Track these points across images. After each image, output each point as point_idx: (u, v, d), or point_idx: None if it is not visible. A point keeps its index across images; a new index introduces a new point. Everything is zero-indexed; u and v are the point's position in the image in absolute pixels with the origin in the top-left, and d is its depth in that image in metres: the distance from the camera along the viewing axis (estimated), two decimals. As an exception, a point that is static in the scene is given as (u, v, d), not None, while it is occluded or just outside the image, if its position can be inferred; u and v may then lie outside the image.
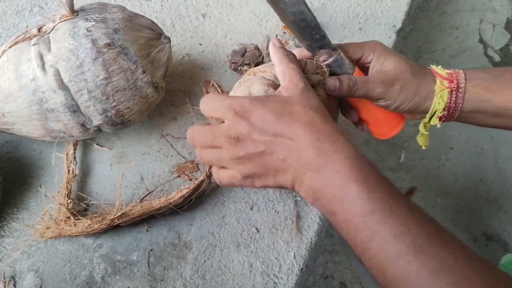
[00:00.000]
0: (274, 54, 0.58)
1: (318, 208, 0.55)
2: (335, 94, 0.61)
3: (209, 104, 0.56)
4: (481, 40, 1.68)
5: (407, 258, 0.42)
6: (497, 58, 1.64)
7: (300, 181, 0.51)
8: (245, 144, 0.51)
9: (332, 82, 0.60)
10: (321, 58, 0.62)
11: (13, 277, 0.67)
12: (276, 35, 0.89)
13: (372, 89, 0.60)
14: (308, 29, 0.59)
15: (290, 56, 0.58)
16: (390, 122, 0.69)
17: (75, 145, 0.74)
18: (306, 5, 0.57)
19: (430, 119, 0.65)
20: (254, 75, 0.63)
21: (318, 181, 0.49)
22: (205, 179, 0.70)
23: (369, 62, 0.63)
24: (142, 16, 0.70)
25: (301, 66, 0.59)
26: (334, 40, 0.91)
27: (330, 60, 0.62)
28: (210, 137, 0.55)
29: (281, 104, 0.51)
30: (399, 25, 0.95)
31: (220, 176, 0.59)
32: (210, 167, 0.71)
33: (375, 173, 0.48)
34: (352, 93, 0.60)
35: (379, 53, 0.62)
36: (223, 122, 0.54)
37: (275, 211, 0.73)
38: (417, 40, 1.64)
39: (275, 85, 0.59)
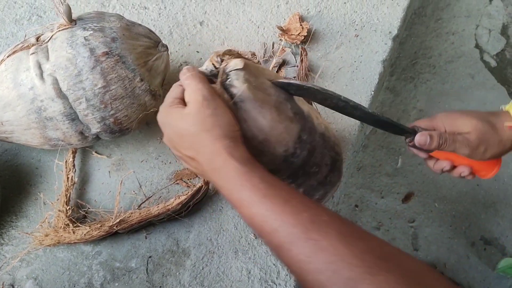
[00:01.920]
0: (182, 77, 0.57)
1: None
2: (424, 148, 0.64)
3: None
4: (477, 46, 1.69)
5: (287, 248, 0.45)
6: (493, 63, 1.65)
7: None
8: (170, 144, 0.55)
9: (424, 138, 0.63)
10: (420, 142, 0.64)
11: (12, 285, 0.67)
12: (273, 42, 0.90)
13: (458, 149, 0.63)
14: (387, 127, 0.63)
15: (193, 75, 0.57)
16: (487, 167, 0.70)
17: (74, 153, 0.74)
18: (379, 115, 0.62)
19: None
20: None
21: (219, 188, 0.52)
22: (203, 186, 0.70)
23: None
24: (139, 24, 0.71)
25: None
26: (331, 46, 0.92)
27: (413, 142, 0.65)
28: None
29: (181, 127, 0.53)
30: (395, 32, 0.96)
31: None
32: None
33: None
34: (441, 149, 0.63)
35: (452, 120, 0.64)
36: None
37: (273, 217, 0.73)
38: (413, 46, 1.65)
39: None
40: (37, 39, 0.66)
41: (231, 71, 0.53)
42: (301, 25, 0.91)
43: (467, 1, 1.79)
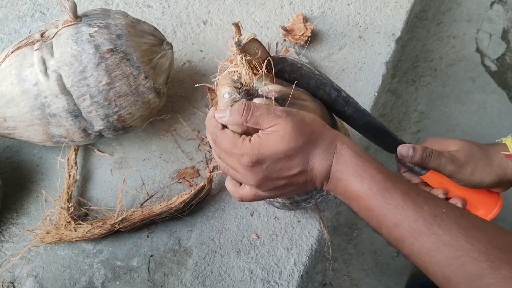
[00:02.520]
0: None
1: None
2: (406, 161, 0.63)
3: (222, 142, 0.53)
4: (478, 50, 1.69)
5: (409, 241, 0.46)
6: (493, 67, 1.65)
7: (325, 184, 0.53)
8: (266, 183, 0.52)
9: (406, 149, 0.61)
10: (402, 153, 0.63)
11: (12, 283, 0.66)
12: (277, 43, 0.90)
13: (444, 164, 0.61)
14: (379, 134, 0.63)
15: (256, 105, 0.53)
16: (486, 203, 0.67)
17: (76, 150, 0.74)
18: (372, 116, 0.61)
19: None
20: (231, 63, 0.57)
21: (334, 181, 0.51)
22: (205, 185, 0.70)
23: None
24: (144, 22, 0.71)
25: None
26: (334, 47, 0.92)
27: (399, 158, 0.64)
28: (233, 159, 0.52)
29: (280, 152, 0.50)
30: (398, 34, 0.96)
31: (243, 195, 0.56)
32: (211, 171, 0.71)
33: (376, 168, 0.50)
34: (425, 163, 0.62)
35: (441, 141, 0.64)
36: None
37: (276, 217, 0.73)
38: (414, 49, 1.65)
39: (239, 85, 0.55)
40: (42, 35, 0.66)
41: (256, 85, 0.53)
42: (305, 25, 0.91)
43: (468, 5, 1.80)
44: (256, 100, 0.52)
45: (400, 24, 0.98)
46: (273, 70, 0.54)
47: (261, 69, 0.54)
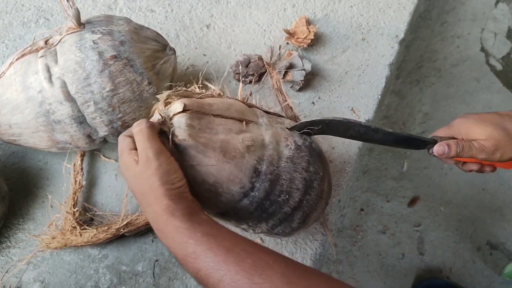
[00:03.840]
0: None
1: None
2: (443, 157, 0.67)
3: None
4: (482, 49, 1.69)
5: None
6: (499, 67, 1.65)
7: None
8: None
9: (442, 149, 0.66)
10: (438, 153, 0.67)
11: (19, 288, 0.67)
12: (280, 46, 0.90)
13: (476, 155, 0.65)
14: (407, 142, 0.67)
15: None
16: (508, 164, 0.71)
17: (82, 156, 0.74)
18: (398, 133, 0.65)
19: None
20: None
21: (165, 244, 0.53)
22: (210, 190, 0.70)
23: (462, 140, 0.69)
24: (147, 28, 0.71)
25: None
26: (337, 50, 0.92)
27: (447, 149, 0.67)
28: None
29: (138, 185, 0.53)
30: (401, 35, 0.96)
31: None
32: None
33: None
34: (459, 157, 0.67)
35: (468, 128, 0.67)
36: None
37: (280, 221, 0.73)
38: (418, 49, 1.65)
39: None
40: (46, 42, 0.67)
41: (173, 117, 0.53)
42: (308, 28, 0.91)
43: (472, 5, 1.79)
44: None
45: (403, 26, 0.98)
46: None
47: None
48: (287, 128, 0.61)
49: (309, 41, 0.90)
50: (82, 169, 0.73)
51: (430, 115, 1.54)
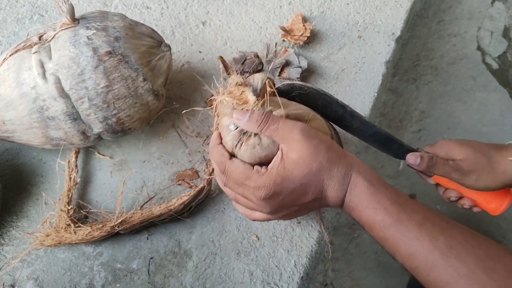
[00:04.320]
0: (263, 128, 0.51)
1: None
2: (414, 168, 0.66)
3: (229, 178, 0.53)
4: (479, 48, 1.69)
5: (425, 272, 0.46)
6: (495, 65, 1.65)
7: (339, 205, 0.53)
8: (281, 210, 0.52)
9: (413, 158, 0.64)
10: (409, 162, 0.66)
11: (12, 286, 0.66)
12: (276, 43, 0.90)
13: (449, 173, 0.64)
14: (386, 143, 0.65)
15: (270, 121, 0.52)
16: (496, 197, 0.69)
17: (77, 153, 0.74)
18: (378, 127, 0.63)
19: None
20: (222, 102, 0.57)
21: (347, 209, 0.52)
22: (205, 186, 0.70)
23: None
24: (142, 24, 0.70)
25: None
26: (334, 47, 0.92)
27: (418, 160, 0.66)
28: (246, 191, 0.52)
29: (292, 182, 0.50)
30: (398, 33, 0.96)
31: (256, 218, 0.56)
32: (210, 174, 0.71)
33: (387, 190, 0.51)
34: (431, 171, 0.65)
35: (449, 148, 0.66)
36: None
37: (276, 218, 0.73)
38: (415, 47, 1.65)
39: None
40: (40, 38, 0.66)
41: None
42: (304, 25, 0.91)
43: (469, 3, 1.79)
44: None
45: (400, 23, 0.98)
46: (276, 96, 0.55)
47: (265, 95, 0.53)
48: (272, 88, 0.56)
49: (305, 38, 0.89)
50: (76, 166, 0.72)
51: (427, 113, 1.54)
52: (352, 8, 0.98)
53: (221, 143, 0.53)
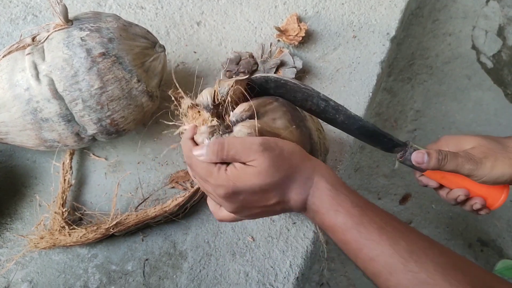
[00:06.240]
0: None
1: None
2: (422, 167, 0.61)
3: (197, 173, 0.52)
4: (473, 47, 1.69)
5: (385, 277, 0.46)
6: (489, 64, 1.65)
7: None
8: (242, 210, 0.52)
9: (420, 155, 0.60)
10: (416, 160, 0.61)
11: (6, 288, 0.66)
12: (271, 43, 0.90)
13: (462, 165, 0.59)
14: (374, 137, 0.61)
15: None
16: (492, 194, 0.65)
17: (71, 154, 0.73)
18: (365, 121, 0.60)
19: None
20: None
21: (311, 213, 0.51)
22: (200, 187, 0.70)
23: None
24: (136, 25, 0.70)
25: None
26: (328, 47, 0.92)
27: (407, 153, 0.62)
28: (209, 186, 0.51)
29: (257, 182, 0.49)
30: (393, 33, 0.96)
31: (222, 217, 0.56)
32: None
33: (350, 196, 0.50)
34: (441, 167, 0.60)
35: (456, 141, 0.62)
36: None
37: (271, 220, 0.73)
38: (410, 46, 1.65)
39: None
40: (33, 39, 0.66)
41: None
42: (299, 25, 0.91)
43: (463, 2, 1.79)
44: (235, 128, 0.51)
45: (394, 23, 0.98)
46: (250, 90, 0.55)
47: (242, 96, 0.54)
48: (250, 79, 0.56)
49: (300, 38, 0.89)
50: (71, 167, 0.72)
51: (422, 112, 1.54)
52: (347, 8, 0.98)
53: (192, 138, 0.53)
